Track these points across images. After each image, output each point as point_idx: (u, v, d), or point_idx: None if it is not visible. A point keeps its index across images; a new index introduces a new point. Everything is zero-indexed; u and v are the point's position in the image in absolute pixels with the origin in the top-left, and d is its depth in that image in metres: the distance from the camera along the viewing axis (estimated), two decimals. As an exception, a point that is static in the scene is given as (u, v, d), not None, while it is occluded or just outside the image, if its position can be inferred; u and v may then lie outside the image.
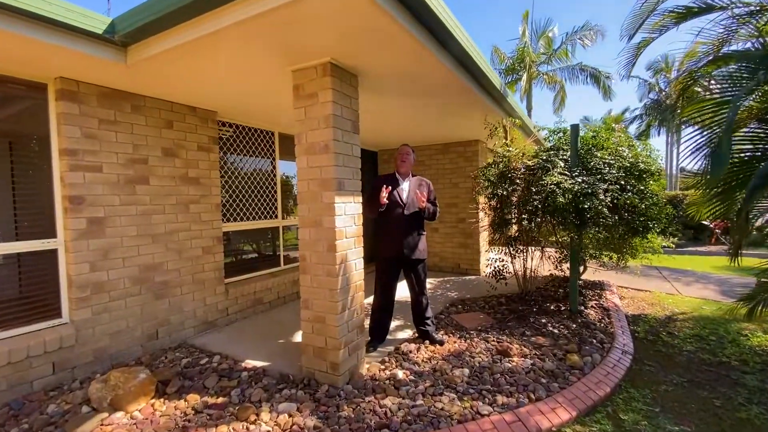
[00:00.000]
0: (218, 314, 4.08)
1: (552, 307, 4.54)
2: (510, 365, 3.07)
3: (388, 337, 3.68)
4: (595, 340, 3.59)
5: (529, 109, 14.43)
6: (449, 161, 6.76)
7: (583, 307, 4.52)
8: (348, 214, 2.84)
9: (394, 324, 4.04)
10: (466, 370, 2.98)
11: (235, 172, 4.47)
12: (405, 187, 3.47)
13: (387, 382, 2.84)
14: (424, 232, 3.54)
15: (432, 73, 3.02)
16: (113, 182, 3.20)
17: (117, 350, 3.24)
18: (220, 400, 2.63)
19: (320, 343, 2.82)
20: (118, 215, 3.24)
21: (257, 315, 4.50)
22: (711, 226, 11.14)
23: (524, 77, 13.49)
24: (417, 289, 3.52)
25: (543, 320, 4.13)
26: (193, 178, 3.83)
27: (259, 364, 3.18)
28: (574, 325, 3.98)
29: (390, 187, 3.23)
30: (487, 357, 3.25)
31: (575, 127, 4.24)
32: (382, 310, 3.52)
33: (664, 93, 17.68)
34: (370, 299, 3.79)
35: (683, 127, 18.71)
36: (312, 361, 2.88)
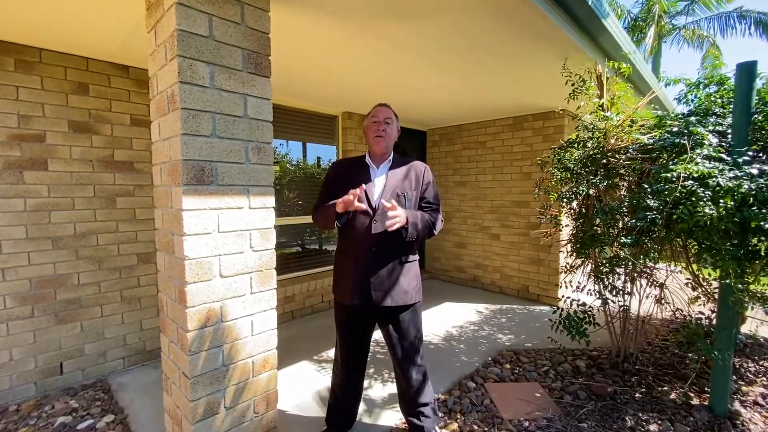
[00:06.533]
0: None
1: (672, 396, 2.58)
2: None
3: (364, 418, 2.28)
4: None
5: (657, 76, 10.72)
6: (519, 141, 4.84)
7: (738, 404, 2.47)
8: (227, 230, 1.48)
9: (375, 393, 2.58)
10: None
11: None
12: (379, 182, 1.93)
13: None
14: (415, 257, 1.98)
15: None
16: (-16, 166, 2.35)
17: (-5, 390, 2.44)
18: None
19: (179, 462, 1.56)
20: (-6, 211, 2.39)
21: (223, 343, 3.44)
22: None
23: (651, 32, 9.98)
24: (401, 354, 1.98)
25: (652, 427, 2.25)
26: (122, 162, 2.85)
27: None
28: (721, 453, 2.05)
29: (363, 186, 1.77)
30: None
31: (746, 69, 2.18)
32: (347, 381, 2.09)
33: None
34: (323, 368, 2.30)
35: None
36: (171, 488, 1.64)
